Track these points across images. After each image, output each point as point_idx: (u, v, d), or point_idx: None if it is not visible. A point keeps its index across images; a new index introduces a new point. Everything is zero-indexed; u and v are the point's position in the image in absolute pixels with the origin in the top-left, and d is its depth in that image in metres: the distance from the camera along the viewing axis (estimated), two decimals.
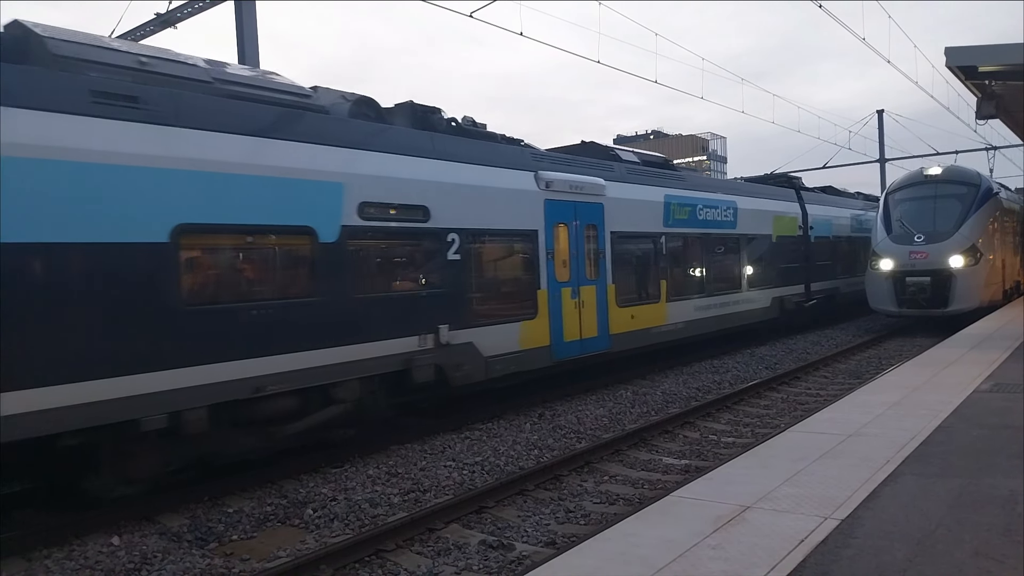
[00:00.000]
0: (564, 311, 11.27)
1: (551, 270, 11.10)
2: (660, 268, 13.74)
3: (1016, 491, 4.70)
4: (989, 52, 10.78)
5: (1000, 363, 9.88)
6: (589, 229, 12.01)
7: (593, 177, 12.19)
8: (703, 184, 16.15)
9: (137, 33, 15.41)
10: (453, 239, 9.52)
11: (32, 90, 6.00)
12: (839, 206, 22.98)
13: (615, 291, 12.38)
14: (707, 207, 15.35)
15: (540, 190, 11.01)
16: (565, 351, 11.27)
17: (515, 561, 5.62)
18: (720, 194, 16.19)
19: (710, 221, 15.42)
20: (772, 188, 19.66)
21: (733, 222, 16.30)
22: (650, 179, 13.83)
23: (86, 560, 5.81)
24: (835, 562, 3.75)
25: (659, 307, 13.66)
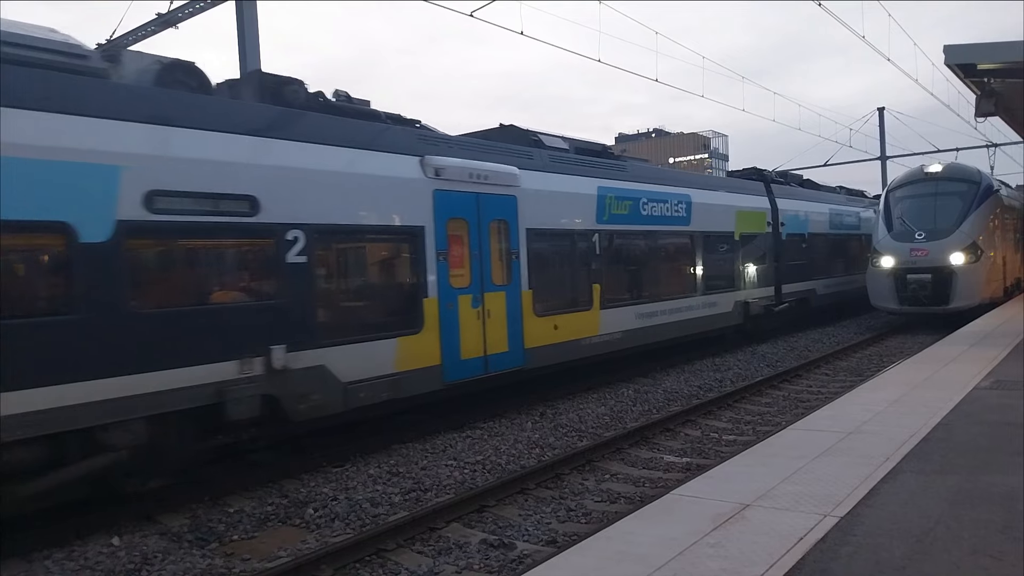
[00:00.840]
0: (461, 323, 9.51)
1: (443, 274, 9.33)
2: (593, 270, 12.06)
3: (1015, 488, 4.71)
4: (988, 50, 10.78)
5: (1000, 360, 9.87)
6: (498, 226, 10.33)
7: (503, 165, 10.43)
8: (650, 175, 14.19)
9: (138, 33, 15.41)
10: (296, 238, 7.72)
11: None
12: (817, 200, 21.21)
13: (532, 298, 10.70)
14: (654, 201, 13.59)
15: (427, 178, 9.20)
16: (462, 371, 9.54)
17: (516, 560, 5.63)
18: (671, 186, 14.38)
19: (658, 216, 13.69)
20: (736, 180, 18.32)
21: (686, 218, 14.56)
22: (580, 168, 12.16)
23: (86, 560, 5.82)
24: (834, 560, 3.76)
25: (590, 315, 11.96)
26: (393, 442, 9.02)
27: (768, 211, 17.93)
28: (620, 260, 13.02)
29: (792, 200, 19.38)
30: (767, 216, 17.83)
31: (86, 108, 6.39)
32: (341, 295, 8.73)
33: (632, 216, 13.04)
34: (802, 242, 19.61)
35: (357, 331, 8.42)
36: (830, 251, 21.43)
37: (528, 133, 12.17)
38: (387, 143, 9.02)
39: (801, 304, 19.26)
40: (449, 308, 9.39)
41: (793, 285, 18.80)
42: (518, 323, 10.47)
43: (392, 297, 9.27)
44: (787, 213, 18.71)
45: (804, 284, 19.51)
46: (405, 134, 9.43)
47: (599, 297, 12.11)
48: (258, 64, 13.50)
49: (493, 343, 10.02)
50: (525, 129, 12.31)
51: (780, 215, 18.34)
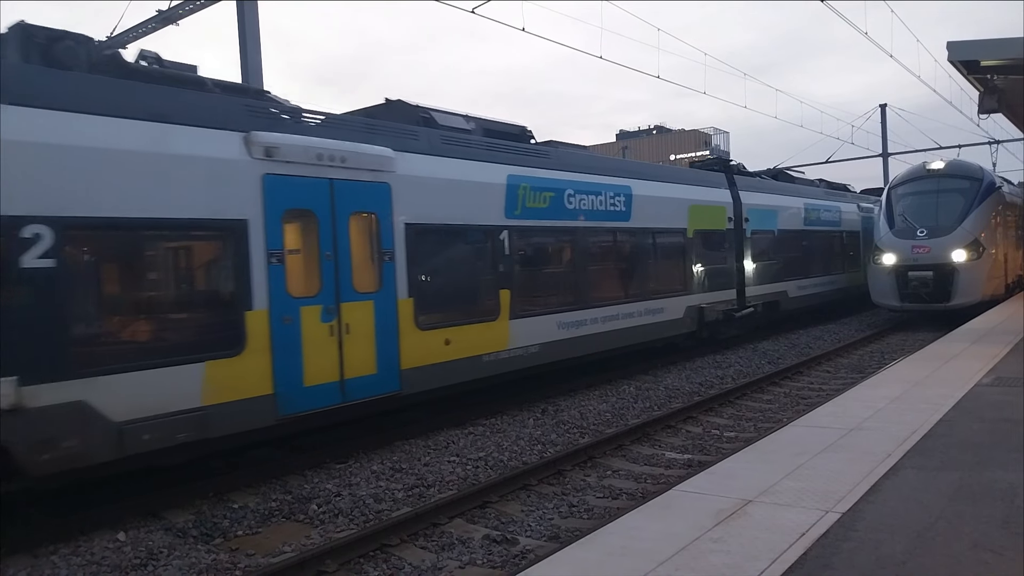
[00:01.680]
0: (306, 341, 7.72)
1: (277, 281, 7.51)
2: (500, 274, 10.29)
3: (1015, 484, 4.73)
4: (991, 46, 10.77)
5: (1002, 357, 9.89)
6: (362, 220, 8.59)
7: (370, 146, 8.61)
8: (579, 163, 12.23)
9: (139, 30, 15.44)
10: (37, 235, 5.93)
11: None
12: (789, 194, 19.46)
13: (413, 308, 8.90)
14: (584, 193, 11.83)
15: (254, 159, 7.37)
16: (307, 401, 7.76)
17: (519, 555, 5.67)
18: (607, 176, 12.55)
19: (589, 211, 11.95)
20: (690, 171, 16.70)
21: (625, 212, 12.79)
22: (485, 153, 10.35)
23: (92, 556, 5.86)
24: (836, 555, 3.78)
25: (496, 327, 10.16)
26: (395, 439, 9.05)
27: (729, 205, 16.16)
28: (538, 261, 11.45)
29: (759, 194, 17.59)
30: (727, 211, 16.07)
31: None
32: (115, 309, 6.79)
33: (554, 210, 11.30)
34: (771, 240, 17.85)
35: (140, 355, 6.61)
36: (806, 249, 19.61)
37: (417, 109, 10.22)
38: (194, 114, 7.15)
39: (769, 308, 17.61)
40: (286, 323, 7.55)
41: (759, 287, 17.11)
42: (391, 339, 8.62)
43: (197, 310, 7.33)
44: (753, 208, 16.98)
45: (773, 286, 17.78)
46: (223, 104, 7.51)
47: (508, 305, 10.32)
48: (259, 62, 13.54)
49: (354, 364, 8.18)
50: (414, 105, 10.33)
51: (744, 210, 16.63)
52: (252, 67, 13.38)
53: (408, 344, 8.85)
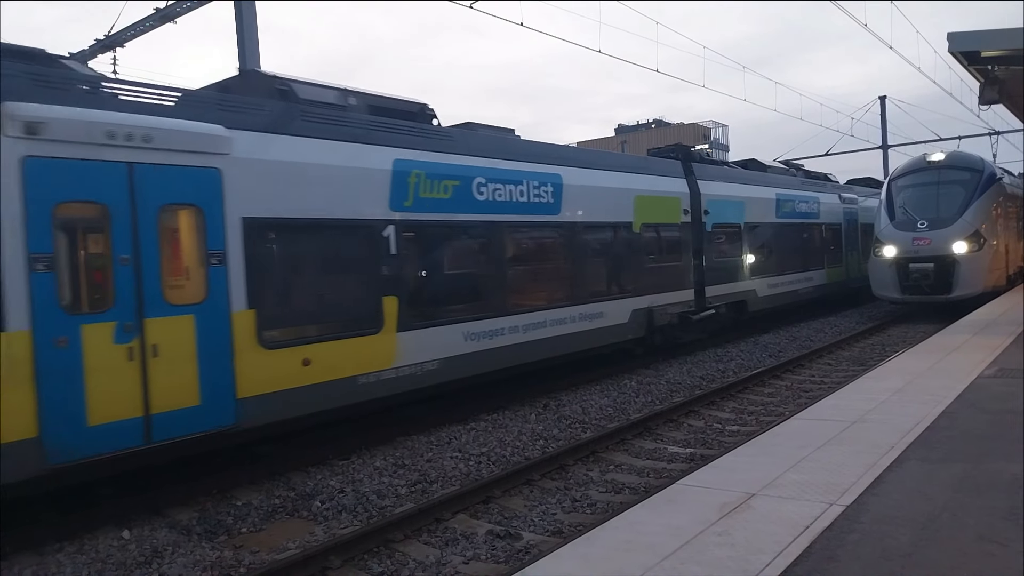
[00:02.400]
0: (90, 368, 6.15)
1: (44, 292, 5.97)
2: (384, 278, 8.67)
3: (1019, 475, 4.73)
4: (992, 37, 10.72)
5: (1004, 349, 9.89)
6: (180, 214, 7.03)
7: (189, 121, 6.99)
8: (493, 148, 10.59)
9: (137, 28, 15.42)
10: None
11: None
12: (758, 184, 17.90)
13: (255, 321, 7.27)
14: (498, 181, 10.25)
15: (9, 138, 5.85)
16: (91, 444, 6.16)
17: (522, 550, 5.67)
18: (529, 163, 10.96)
19: (505, 203, 10.35)
20: (638, 159, 15.11)
21: (553, 204, 11.21)
22: (362, 133, 8.67)
23: (97, 554, 5.87)
24: (840, 547, 3.78)
25: (378, 341, 8.51)
26: (398, 435, 9.06)
27: (685, 197, 14.58)
28: (438, 262, 9.70)
29: (721, 184, 16.05)
30: (683, 203, 14.50)
31: None
32: None
33: (460, 201, 9.68)
34: (735, 234, 16.40)
35: None
36: (778, 244, 18.14)
37: (274, 80, 8.64)
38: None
39: (735, 309, 16.23)
40: (60, 346, 6.01)
41: (722, 286, 15.61)
42: (222, 361, 6.99)
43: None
44: (714, 199, 15.45)
45: (738, 284, 16.30)
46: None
47: (396, 315, 8.68)
48: (257, 59, 13.51)
49: (166, 395, 6.58)
50: (271, 75, 8.83)
51: (704, 201, 15.10)
52: (251, 64, 13.36)
53: (247, 367, 7.18)
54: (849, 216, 22.58)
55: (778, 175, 19.55)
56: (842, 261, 22.06)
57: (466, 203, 9.84)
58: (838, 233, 21.98)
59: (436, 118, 10.29)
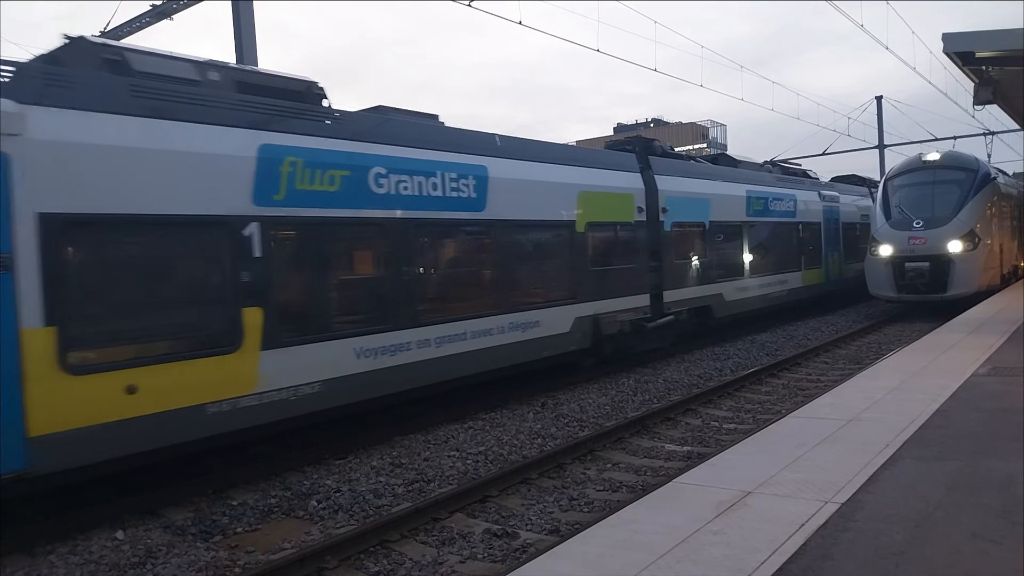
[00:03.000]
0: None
1: None
2: (245, 285, 7.26)
3: (1013, 473, 4.75)
4: (986, 38, 10.77)
5: (998, 347, 9.92)
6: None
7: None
8: (398, 134, 9.14)
9: (133, 25, 15.38)
10: None
11: None
12: (730, 180, 16.76)
13: (57, 340, 5.96)
14: (402, 172, 8.89)
15: None
16: None
17: (519, 549, 5.67)
18: (446, 152, 9.59)
19: (412, 197, 9.02)
20: (582, 151, 13.82)
21: (477, 200, 9.91)
22: (216, 113, 7.30)
23: (90, 555, 5.85)
24: (835, 545, 3.79)
25: (236, 361, 7.15)
26: (395, 434, 9.05)
27: (639, 193, 13.31)
28: (322, 266, 8.28)
29: (683, 179, 14.79)
30: (637, 200, 13.22)
31: None
32: None
33: (351, 194, 8.34)
34: (699, 234, 15.24)
35: None
36: (749, 245, 16.96)
37: (104, 49, 7.32)
38: None
39: (699, 315, 15.00)
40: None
41: (683, 291, 14.38)
42: (5, 391, 5.69)
43: None
44: (674, 196, 14.21)
45: (702, 288, 15.02)
46: None
47: (260, 329, 7.33)
48: (255, 57, 13.48)
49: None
50: (100, 43, 7.50)
51: (662, 198, 13.81)
52: (248, 62, 13.32)
53: (44, 397, 5.84)
54: (830, 215, 21.55)
55: (750, 171, 18.32)
56: (822, 262, 20.95)
57: (360, 197, 8.45)
58: (817, 233, 20.78)
59: (327, 98, 8.78)
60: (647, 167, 13.87)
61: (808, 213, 20.12)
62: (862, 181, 26.20)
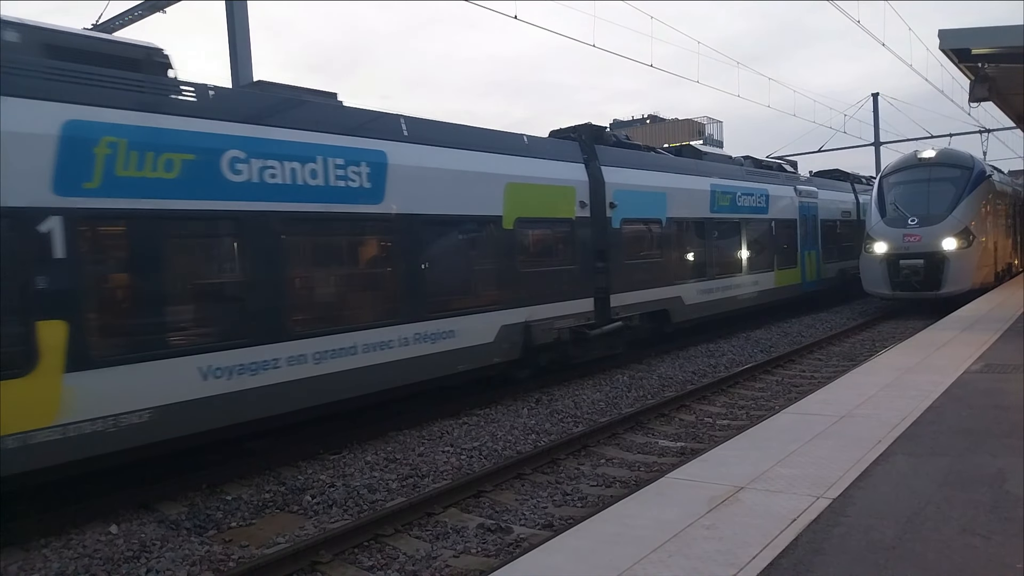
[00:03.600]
0: None
1: None
2: (38, 294, 5.97)
3: (1004, 470, 4.78)
4: (982, 35, 10.77)
5: (991, 344, 9.97)
6: None
7: None
8: (267, 112, 7.85)
9: (126, 17, 15.29)
10: None
11: None
12: (691, 173, 15.37)
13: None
14: (270, 157, 7.59)
15: None
16: None
17: (513, 544, 5.69)
18: (330, 135, 8.25)
19: (283, 187, 7.68)
20: (513, 137, 11.31)
21: (372, 191, 8.55)
22: (10, 80, 5.95)
23: (84, 549, 5.85)
24: (826, 540, 3.81)
25: (25, 388, 5.87)
26: (389, 429, 9.06)
27: (582, 186, 12.01)
28: (155, 268, 6.94)
29: (636, 172, 13.41)
30: (579, 193, 11.93)
31: None
32: None
33: (194, 183, 7.01)
34: (655, 231, 14.01)
35: None
36: (713, 243, 15.76)
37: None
38: None
39: (655, 320, 13.73)
40: None
41: (634, 294, 13.02)
42: None
43: None
44: (624, 189, 12.86)
45: (658, 291, 13.67)
46: None
47: (64, 347, 6.04)
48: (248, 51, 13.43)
49: None
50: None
51: (609, 192, 12.51)
52: (241, 57, 13.28)
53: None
54: (807, 211, 20.27)
55: (717, 164, 16.94)
56: (798, 262, 19.65)
57: (209, 186, 7.13)
58: (793, 230, 19.49)
59: (172, 68, 7.48)
60: (592, 157, 12.55)
61: (782, 209, 18.93)
62: (845, 176, 25.27)
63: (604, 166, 12.62)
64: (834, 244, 22.07)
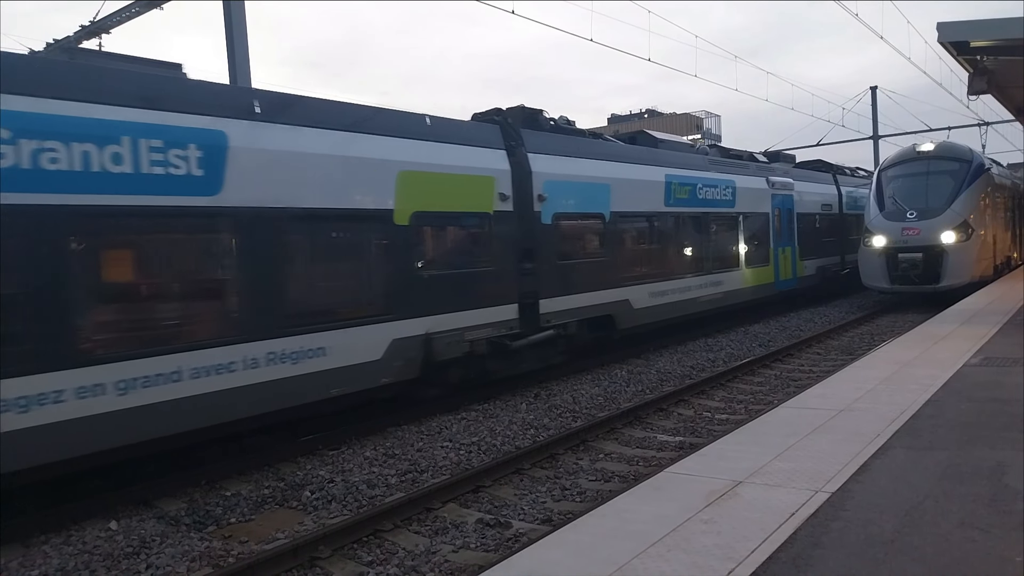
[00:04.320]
0: None
1: None
2: None
3: (1003, 463, 4.78)
4: (981, 27, 10.74)
5: (990, 338, 9.97)
6: None
7: None
8: (56, 81, 6.29)
9: (123, 14, 15.23)
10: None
11: None
12: (643, 162, 13.76)
13: None
14: (51, 136, 6.03)
15: None
16: None
17: (512, 538, 5.70)
18: (145, 110, 6.69)
19: (57, 174, 6.06)
20: (409, 117, 9.63)
21: (206, 180, 7.08)
22: None
23: (84, 545, 5.85)
24: (825, 534, 3.82)
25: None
26: (388, 425, 9.06)
27: (503, 175, 10.46)
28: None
29: (571, 160, 11.84)
30: (499, 184, 10.36)
31: None
32: None
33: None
34: (596, 227, 12.47)
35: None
36: (669, 240, 14.39)
37: None
38: None
39: (596, 327, 12.23)
40: None
41: (569, 298, 11.51)
42: None
43: None
44: (557, 180, 11.35)
45: (599, 295, 12.17)
46: None
47: None
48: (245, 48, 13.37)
49: None
50: None
51: (538, 183, 10.96)
52: (239, 54, 13.22)
53: None
54: (782, 204, 18.68)
55: (675, 153, 15.31)
56: (770, 259, 18.09)
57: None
58: (765, 225, 17.93)
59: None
60: (518, 144, 10.96)
61: (752, 202, 17.35)
62: (828, 167, 23.98)
63: (532, 153, 11.08)
64: (813, 240, 20.52)
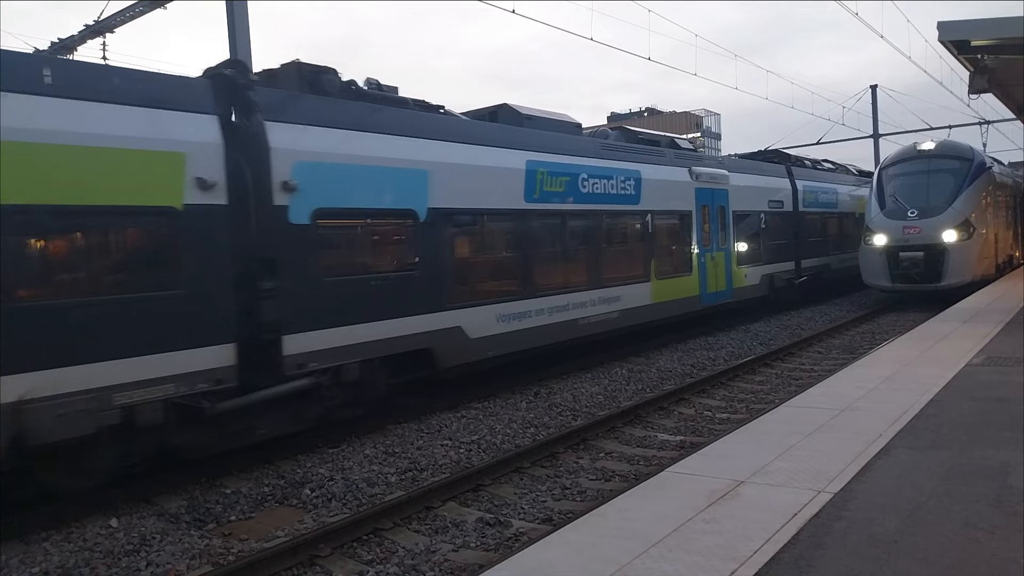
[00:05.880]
0: None
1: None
2: None
3: (1006, 463, 4.76)
4: (982, 26, 10.71)
5: (992, 337, 9.95)
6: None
7: None
8: None
9: (126, 14, 15.22)
10: None
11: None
12: (488, 143, 10.55)
13: None
14: None
15: None
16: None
17: (512, 538, 5.68)
18: None
19: None
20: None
21: None
22: None
23: (85, 542, 5.84)
24: (828, 535, 3.80)
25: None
26: (388, 423, 9.04)
27: (205, 151, 7.11)
28: None
29: (356, 136, 8.63)
30: (193, 164, 6.99)
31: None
32: None
33: None
34: (401, 230, 9.31)
35: None
36: (536, 246, 11.29)
37: None
38: None
39: (401, 368, 9.06)
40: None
41: (348, 330, 8.27)
42: None
43: None
44: (320, 162, 8.14)
45: (407, 322, 8.99)
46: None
47: None
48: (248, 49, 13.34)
49: None
50: None
51: (284, 165, 7.75)
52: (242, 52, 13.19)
53: None
54: (711, 200, 15.66)
55: (547, 133, 11.98)
56: (693, 267, 15.00)
57: None
58: (687, 225, 14.93)
59: None
60: (249, 109, 7.70)
61: (666, 197, 14.20)
62: (785, 158, 21.06)
63: (274, 122, 7.81)
64: (756, 244, 17.48)
